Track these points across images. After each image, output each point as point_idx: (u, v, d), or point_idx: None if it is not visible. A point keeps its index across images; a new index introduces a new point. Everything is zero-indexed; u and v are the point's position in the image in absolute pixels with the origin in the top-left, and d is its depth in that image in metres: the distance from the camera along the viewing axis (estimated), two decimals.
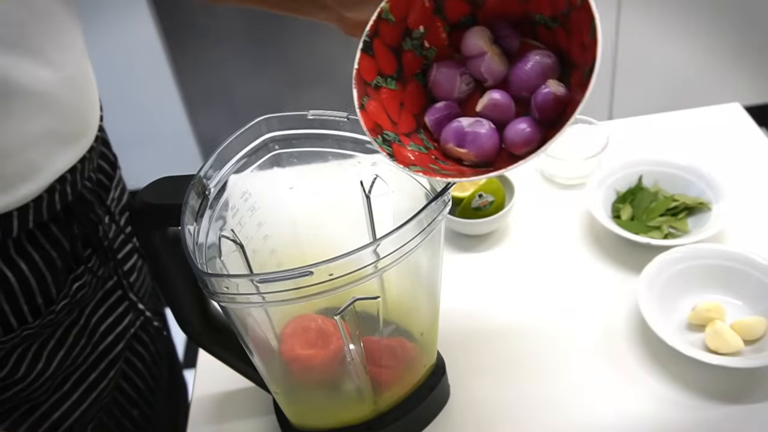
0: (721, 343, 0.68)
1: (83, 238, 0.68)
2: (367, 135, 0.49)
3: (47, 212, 0.63)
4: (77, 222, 0.67)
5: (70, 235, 0.66)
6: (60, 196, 0.64)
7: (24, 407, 0.68)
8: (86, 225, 0.68)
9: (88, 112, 0.67)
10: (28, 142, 0.59)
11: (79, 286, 0.67)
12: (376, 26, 0.51)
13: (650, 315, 0.69)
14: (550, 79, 0.49)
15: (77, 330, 0.70)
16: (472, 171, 0.49)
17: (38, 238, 0.63)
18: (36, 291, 0.63)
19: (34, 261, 0.63)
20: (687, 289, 0.74)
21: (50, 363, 0.67)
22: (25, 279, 0.62)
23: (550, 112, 0.48)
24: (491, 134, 0.49)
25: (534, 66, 0.49)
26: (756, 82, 2.11)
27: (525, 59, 0.50)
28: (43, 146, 0.60)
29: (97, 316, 0.72)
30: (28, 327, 0.63)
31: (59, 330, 0.67)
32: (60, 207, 0.64)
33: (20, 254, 0.62)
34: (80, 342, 0.70)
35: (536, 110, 0.48)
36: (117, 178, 0.79)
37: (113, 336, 0.75)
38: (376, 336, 0.59)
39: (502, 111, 0.50)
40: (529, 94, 0.49)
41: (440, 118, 0.51)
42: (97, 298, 0.72)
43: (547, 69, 0.49)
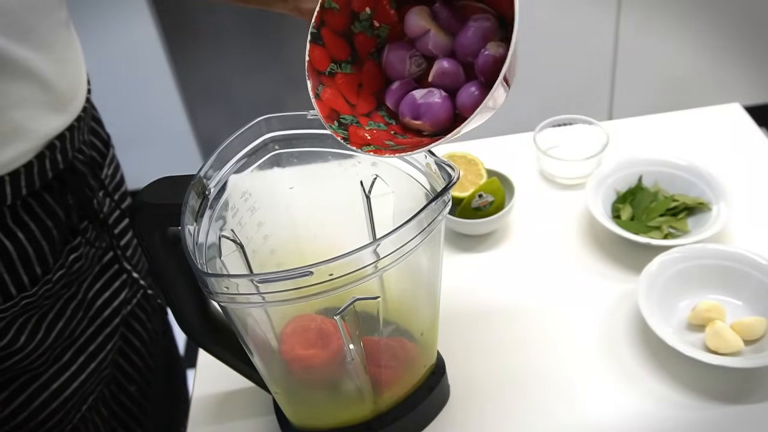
0: (721, 343, 0.68)
1: (78, 209, 0.70)
2: (322, 122, 0.50)
3: (39, 179, 0.64)
4: (71, 192, 0.68)
5: (65, 205, 0.68)
6: (51, 163, 0.64)
7: (23, 377, 0.69)
8: (80, 196, 0.70)
9: (72, 80, 0.68)
10: (9, 104, 0.59)
11: (76, 257, 0.68)
12: (321, 16, 0.51)
13: (650, 315, 0.69)
14: (492, 41, 0.49)
15: (75, 303, 0.71)
16: (430, 140, 0.49)
17: (34, 207, 0.64)
18: (34, 260, 0.65)
19: (30, 230, 0.64)
20: (687, 289, 0.74)
21: (49, 333, 0.68)
22: (22, 248, 0.64)
23: (492, 74, 0.48)
24: (443, 102, 0.50)
25: (475, 31, 0.50)
26: (756, 82, 2.11)
27: (466, 27, 0.50)
28: (26, 108, 0.61)
29: (94, 290, 0.74)
30: (27, 296, 0.64)
31: (58, 302, 0.69)
32: (52, 175, 0.65)
33: (17, 223, 0.63)
34: (78, 314, 0.71)
35: (480, 73, 0.49)
36: (110, 156, 0.80)
37: (110, 310, 0.76)
38: (376, 336, 0.59)
39: (452, 78, 0.51)
40: (474, 59, 0.50)
41: (398, 98, 0.52)
42: (94, 272, 0.74)
43: (487, 32, 0.50)
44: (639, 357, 0.71)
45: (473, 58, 0.50)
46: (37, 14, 0.61)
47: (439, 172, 0.53)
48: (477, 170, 0.88)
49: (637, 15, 1.95)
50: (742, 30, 2.01)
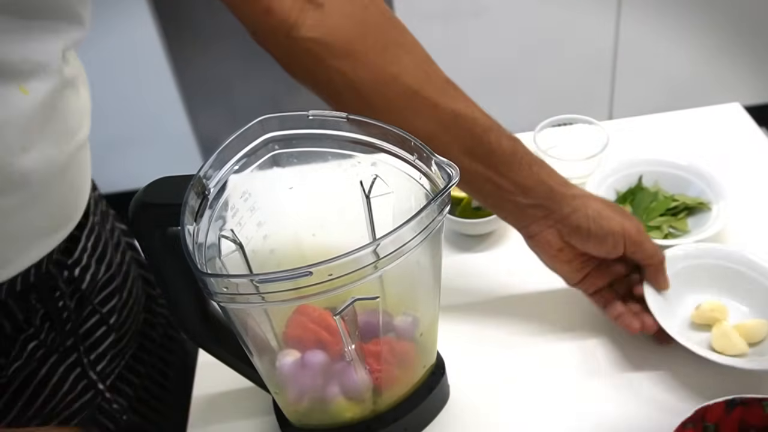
0: (728, 344, 0.68)
1: (40, 304, 0.65)
2: None
3: (6, 293, 0.61)
4: (35, 293, 0.64)
5: (26, 308, 0.64)
6: (22, 279, 0.61)
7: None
8: (44, 295, 0.65)
9: (75, 204, 0.65)
10: (7, 236, 0.57)
11: (35, 345, 0.65)
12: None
13: (659, 314, 0.69)
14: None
15: (36, 383, 0.66)
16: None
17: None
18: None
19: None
20: (689, 288, 0.74)
21: (9, 412, 0.65)
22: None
23: None
24: None
25: None
26: (756, 82, 2.11)
27: None
28: (19, 242, 0.58)
29: (64, 366, 0.69)
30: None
31: (16, 381, 0.64)
32: (20, 288, 0.62)
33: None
34: (40, 397, 0.67)
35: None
36: (89, 226, 0.71)
37: (69, 412, 0.70)
38: (375, 336, 0.59)
39: None
40: None
41: None
42: (54, 357, 0.68)
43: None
44: (640, 357, 0.71)
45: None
46: (61, 138, 0.58)
47: (439, 172, 0.53)
48: None
49: (637, 15, 1.95)
50: (742, 30, 2.01)
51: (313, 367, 0.59)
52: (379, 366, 0.60)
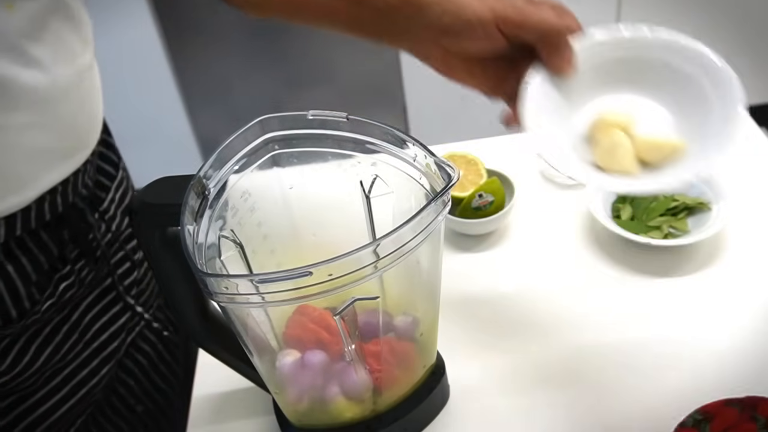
0: (611, 160, 0.56)
1: (73, 243, 0.68)
2: None
3: (36, 221, 0.63)
4: (67, 228, 0.67)
5: (59, 240, 0.66)
6: (50, 206, 0.63)
7: (11, 398, 0.68)
8: (77, 231, 0.68)
9: (87, 128, 0.66)
10: (18, 157, 0.58)
11: (67, 285, 0.67)
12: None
13: (529, 104, 0.55)
14: None
15: (68, 327, 0.69)
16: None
17: (27, 242, 0.63)
18: (23, 293, 0.63)
19: (21, 264, 0.63)
20: (601, 90, 0.59)
21: (37, 358, 0.67)
22: (11, 282, 0.62)
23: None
24: None
25: None
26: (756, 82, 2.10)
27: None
28: (33, 162, 0.60)
29: (90, 315, 0.72)
30: (12, 327, 0.63)
31: (47, 327, 0.67)
32: (50, 217, 0.64)
33: (8, 257, 0.62)
34: (71, 338, 0.70)
35: None
36: (119, 180, 0.77)
37: (107, 335, 0.74)
38: (375, 336, 0.59)
39: None
40: None
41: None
42: (93, 295, 0.72)
43: None
44: (640, 357, 0.71)
45: None
46: (63, 59, 0.60)
47: (439, 172, 0.53)
48: (477, 170, 0.88)
49: (637, 15, 1.96)
50: (743, 30, 2.01)
51: (313, 367, 0.59)
52: (379, 366, 0.60)
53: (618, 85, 0.59)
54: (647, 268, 0.80)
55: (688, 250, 0.81)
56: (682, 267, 0.80)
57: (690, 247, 0.81)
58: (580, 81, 0.58)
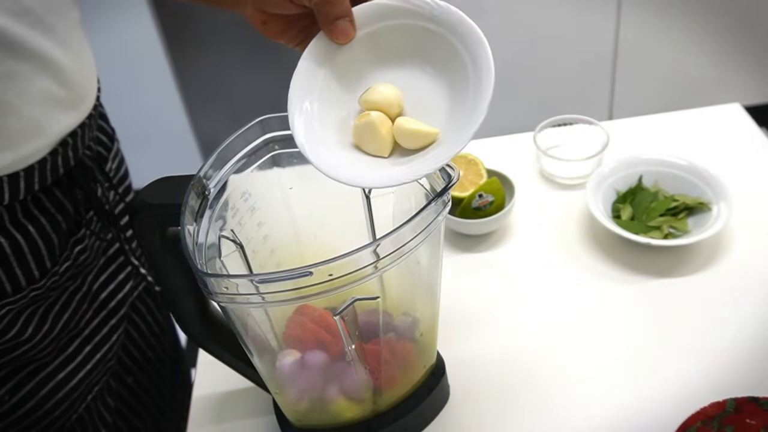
0: (365, 139, 0.52)
1: (85, 202, 0.71)
2: None
3: (51, 175, 0.65)
4: (79, 187, 0.69)
5: (73, 200, 0.69)
6: (63, 160, 0.66)
7: (30, 367, 0.69)
8: (87, 190, 0.71)
9: (86, 79, 0.69)
10: (31, 100, 0.61)
11: (81, 249, 0.69)
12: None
13: (303, 76, 0.51)
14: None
15: (81, 295, 0.72)
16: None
17: (43, 202, 0.65)
18: (44, 253, 0.66)
19: (41, 224, 0.65)
20: (381, 65, 0.55)
21: (56, 324, 0.69)
22: (33, 241, 0.65)
23: None
24: None
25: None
26: (756, 82, 2.11)
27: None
28: (45, 106, 0.62)
29: (99, 282, 0.75)
30: (36, 288, 0.65)
31: (64, 294, 0.70)
32: (63, 171, 0.66)
33: (27, 217, 0.64)
34: (83, 306, 0.72)
35: None
36: (114, 150, 0.81)
37: (115, 302, 0.77)
38: (375, 336, 0.59)
39: None
40: None
41: None
42: (99, 264, 0.75)
43: None
44: (641, 357, 0.71)
45: None
46: (56, 13, 0.63)
47: (439, 172, 0.53)
48: (477, 170, 0.88)
49: (637, 15, 1.95)
50: (743, 30, 2.01)
51: (313, 367, 0.59)
52: (379, 366, 0.60)
53: (405, 56, 0.54)
54: (647, 268, 0.80)
55: (688, 250, 0.81)
56: (682, 267, 0.80)
57: (690, 247, 0.81)
58: (367, 51, 0.54)
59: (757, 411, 0.60)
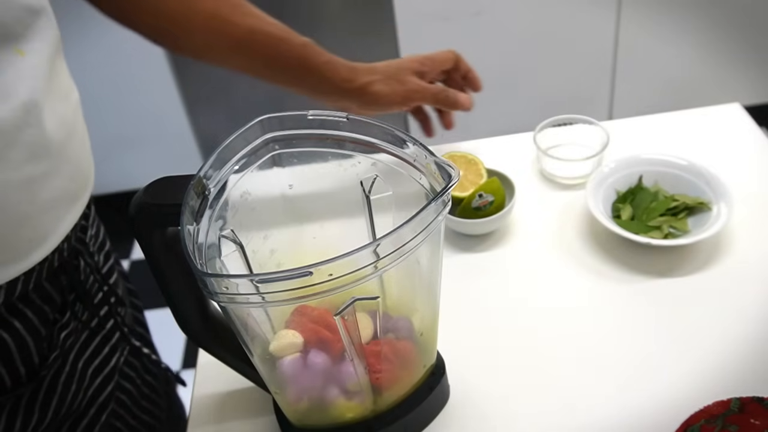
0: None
1: (70, 289, 0.67)
2: None
3: (47, 272, 0.62)
4: (65, 274, 0.66)
5: (60, 288, 0.66)
6: (59, 255, 0.63)
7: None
8: (72, 275, 0.67)
9: (88, 165, 0.67)
10: (44, 205, 0.59)
11: (66, 334, 0.66)
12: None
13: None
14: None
15: (65, 378, 0.68)
16: None
17: (30, 295, 0.62)
18: (32, 349, 0.63)
19: (28, 319, 0.62)
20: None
21: (44, 415, 0.66)
22: (20, 338, 0.61)
23: None
24: None
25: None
26: (756, 82, 2.11)
27: None
28: (55, 208, 0.60)
29: (83, 360, 0.71)
30: (21, 387, 0.62)
31: (45, 381, 0.65)
32: (57, 264, 0.64)
33: (13, 314, 0.61)
34: (71, 389, 0.68)
35: None
36: (92, 215, 0.76)
37: (101, 378, 0.73)
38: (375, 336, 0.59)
39: None
40: None
41: None
42: (81, 340, 0.71)
43: None
44: (641, 356, 0.71)
45: None
46: (63, 99, 0.61)
47: (439, 172, 0.53)
48: (477, 170, 0.88)
49: (637, 15, 1.95)
50: (743, 30, 2.01)
51: (314, 367, 0.59)
52: (380, 366, 0.60)
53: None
54: (647, 268, 0.80)
55: (688, 250, 0.81)
56: (682, 267, 0.80)
57: (690, 247, 0.81)
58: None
59: (762, 411, 0.60)
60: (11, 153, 0.54)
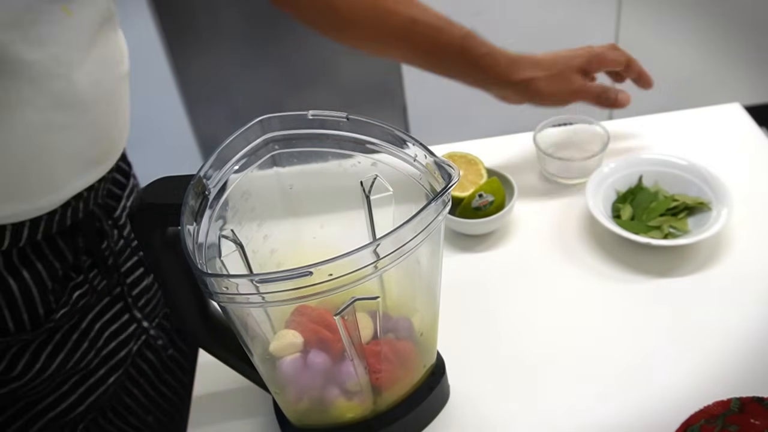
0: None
1: (87, 252, 0.69)
2: None
3: (57, 226, 0.64)
4: (82, 235, 0.68)
5: (74, 248, 0.67)
6: (72, 212, 0.65)
7: (20, 404, 0.68)
8: (91, 239, 0.69)
9: (117, 136, 0.68)
10: (58, 155, 0.60)
11: (80, 294, 0.68)
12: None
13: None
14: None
15: (78, 335, 0.70)
16: None
17: (43, 248, 0.64)
18: (37, 300, 0.64)
19: (37, 270, 0.64)
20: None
21: (49, 365, 0.67)
22: (27, 288, 0.63)
23: None
24: None
25: None
26: (756, 82, 2.11)
27: None
28: (71, 164, 0.61)
29: (100, 322, 0.73)
30: (25, 334, 0.64)
31: (58, 333, 0.68)
32: (70, 222, 0.65)
33: (24, 263, 0.63)
34: (82, 346, 0.70)
35: None
36: (130, 187, 0.79)
37: (116, 342, 0.75)
38: (375, 336, 0.59)
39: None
40: None
41: None
42: (102, 303, 0.73)
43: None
44: (641, 356, 0.71)
45: None
46: (105, 66, 0.63)
47: (439, 172, 0.53)
48: (477, 170, 0.88)
49: (637, 15, 1.95)
50: (743, 30, 2.01)
51: (314, 367, 0.59)
52: (380, 366, 0.60)
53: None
54: (647, 268, 0.80)
55: (688, 250, 0.81)
56: (682, 267, 0.80)
57: (690, 247, 0.81)
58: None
59: (762, 411, 0.60)
60: (36, 96, 0.56)
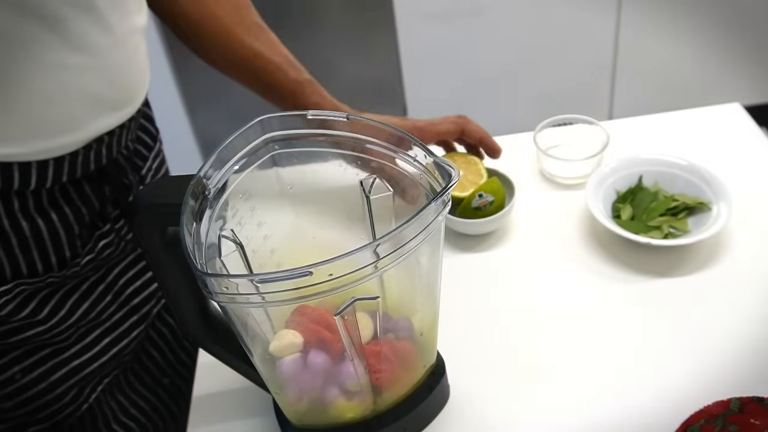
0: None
1: (113, 202, 0.71)
2: None
3: (81, 169, 0.66)
4: (109, 184, 0.70)
5: (101, 196, 0.70)
6: (95, 156, 0.67)
7: (46, 350, 0.70)
8: (117, 189, 0.71)
9: (136, 83, 0.70)
10: (75, 96, 0.62)
11: (106, 244, 0.70)
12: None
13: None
14: None
15: (104, 286, 0.73)
16: None
17: (70, 193, 0.66)
18: (64, 242, 0.66)
19: (64, 214, 0.66)
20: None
21: (73, 312, 0.70)
22: (54, 229, 0.65)
23: None
24: None
25: None
26: (756, 82, 2.11)
27: None
28: (88, 104, 0.63)
29: (125, 278, 0.75)
30: (53, 275, 0.66)
31: (85, 283, 0.70)
32: (94, 167, 0.67)
33: (52, 205, 0.65)
34: (106, 298, 0.73)
35: None
36: (156, 150, 0.83)
37: (139, 299, 0.77)
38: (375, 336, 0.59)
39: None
40: None
41: None
42: (128, 259, 0.76)
43: None
44: (641, 356, 0.71)
45: None
46: (120, 14, 0.64)
47: (439, 172, 0.53)
48: (477, 170, 0.88)
49: (637, 15, 1.95)
50: (742, 30, 2.01)
51: (314, 367, 0.59)
52: (380, 366, 0.60)
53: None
54: (647, 268, 0.80)
55: (688, 250, 0.81)
56: (682, 267, 0.80)
57: (690, 247, 0.81)
58: None
59: (762, 411, 0.60)
60: (50, 36, 0.58)
